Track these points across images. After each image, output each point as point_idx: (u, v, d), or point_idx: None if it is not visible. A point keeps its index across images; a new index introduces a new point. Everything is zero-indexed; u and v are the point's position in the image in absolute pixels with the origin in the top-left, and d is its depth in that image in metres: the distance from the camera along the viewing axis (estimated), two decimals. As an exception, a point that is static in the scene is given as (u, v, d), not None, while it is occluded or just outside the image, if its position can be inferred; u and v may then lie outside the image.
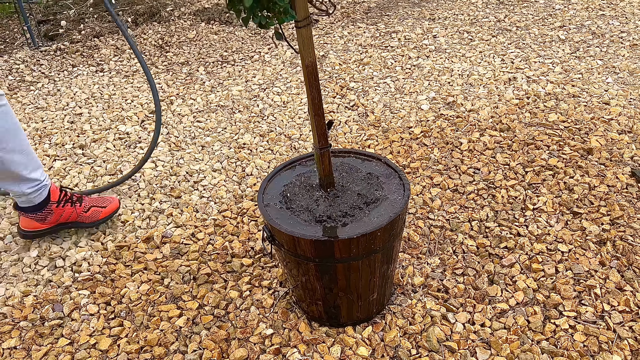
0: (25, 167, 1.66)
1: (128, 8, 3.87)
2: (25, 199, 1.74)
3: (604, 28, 3.07)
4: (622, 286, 1.52)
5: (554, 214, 1.78)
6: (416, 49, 3.01)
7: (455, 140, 2.19)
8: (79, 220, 1.86)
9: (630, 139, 2.10)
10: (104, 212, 1.89)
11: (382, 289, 1.45)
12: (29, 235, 1.82)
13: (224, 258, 1.74)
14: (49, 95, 2.87)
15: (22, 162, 1.64)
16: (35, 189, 1.72)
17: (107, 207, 1.91)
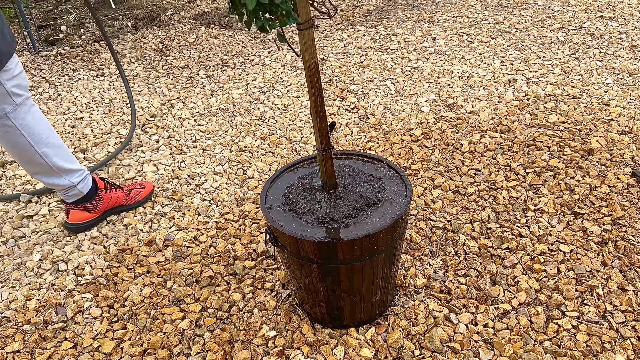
0: (66, 160, 1.77)
1: (128, 12, 3.89)
2: (75, 192, 1.84)
3: (602, 29, 3.08)
4: (624, 286, 1.53)
5: (555, 215, 1.79)
6: (416, 52, 3.02)
7: (456, 141, 2.19)
8: (125, 203, 1.98)
9: (630, 140, 2.10)
10: (144, 192, 2.03)
11: (384, 290, 1.45)
12: (80, 228, 1.91)
13: (227, 261, 1.74)
14: (49, 100, 2.87)
15: (62, 155, 1.75)
16: (82, 177, 1.83)
17: (145, 187, 2.04)
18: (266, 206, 1.39)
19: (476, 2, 3.64)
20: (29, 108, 1.66)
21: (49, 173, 1.75)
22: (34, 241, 1.90)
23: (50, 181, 1.77)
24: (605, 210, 1.78)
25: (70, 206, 1.87)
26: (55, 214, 2.02)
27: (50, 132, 1.72)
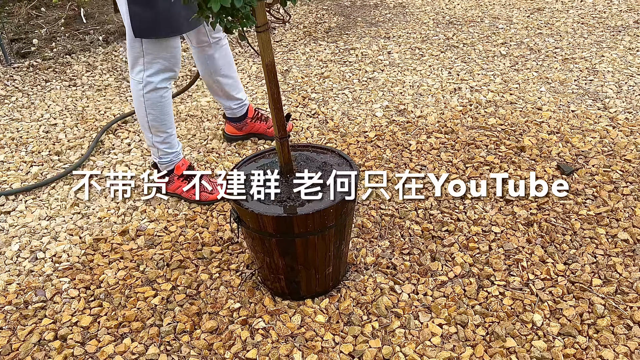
0: (234, 89, 2.31)
1: (99, 27, 4.04)
2: (230, 112, 2.40)
3: (540, 44, 3.39)
4: (544, 259, 1.76)
5: (489, 202, 2.02)
6: (372, 64, 3.26)
7: (405, 142, 2.42)
8: (265, 133, 2.49)
9: (557, 139, 2.37)
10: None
11: (337, 263, 1.64)
12: (231, 139, 2.51)
13: (195, 247, 1.91)
14: (23, 108, 2.99)
15: (233, 85, 2.30)
16: (238, 106, 2.38)
17: (287, 126, 2.33)
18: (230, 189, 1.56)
19: (429, 20, 3.93)
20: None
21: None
22: (12, 234, 2.02)
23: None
24: (532, 198, 2.02)
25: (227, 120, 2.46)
26: (32, 210, 2.15)
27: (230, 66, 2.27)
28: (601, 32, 3.51)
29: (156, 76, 1.92)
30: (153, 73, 1.91)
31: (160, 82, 1.93)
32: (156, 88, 1.93)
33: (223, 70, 2.22)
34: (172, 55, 1.90)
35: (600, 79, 2.89)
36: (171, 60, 1.91)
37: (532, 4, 4.14)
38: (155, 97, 1.95)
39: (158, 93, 1.94)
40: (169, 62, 1.91)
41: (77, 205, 2.17)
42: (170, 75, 1.95)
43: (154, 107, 1.96)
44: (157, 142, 2.04)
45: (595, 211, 1.93)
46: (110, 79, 3.29)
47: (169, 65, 1.91)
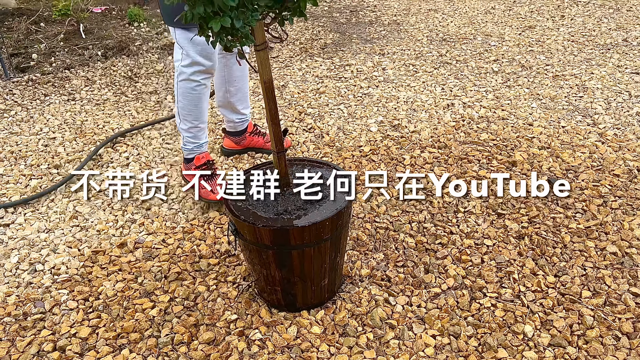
0: (241, 103, 2.41)
1: (98, 42, 4.09)
2: (232, 126, 2.48)
3: (531, 62, 3.46)
4: (535, 271, 1.80)
5: (481, 215, 2.06)
6: (367, 80, 3.32)
7: (400, 156, 2.47)
8: (263, 147, 2.56)
9: (548, 154, 2.42)
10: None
11: (332, 275, 1.67)
12: (229, 153, 2.56)
13: (193, 259, 1.94)
14: (22, 122, 3.03)
15: (241, 99, 2.39)
16: (240, 120, 2.46)
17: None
18: (229, 202, 1.60)
19: (422, 37, 4.00)
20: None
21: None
22: (11, 246, 2.05)
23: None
24: (523, 211, 2.06)
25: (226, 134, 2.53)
26: (31, 222, 2.18)
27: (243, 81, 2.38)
28: (591, 50, 3.59)
29: (189, 68, 2.05)
30: (187, 64, 2.04)
31: (192, 74, 2.06)
32: (188, 79, 2.07)
33: (237, 82, 2.33)
34: (202, 50, 2.01)
35: (590, 95, 2.95)
36: (202, 54, 2.02)
37: (524, 21, 4.23)
38: (186, 87, 2.09)
39: (190, 85, 2.08)
40: (200, 57, 2.02)
41: (75, 218, 2.20)
42: (200, 69, 2.05)
43: (184, 96, 2.10)
44: (183, 129, 2.18)
45: (585, 224, 1.98)
46: (109, 93, 3.34)
47: (200, 60, 2.03)
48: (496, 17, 4.37)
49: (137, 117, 3.01)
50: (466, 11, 4.59)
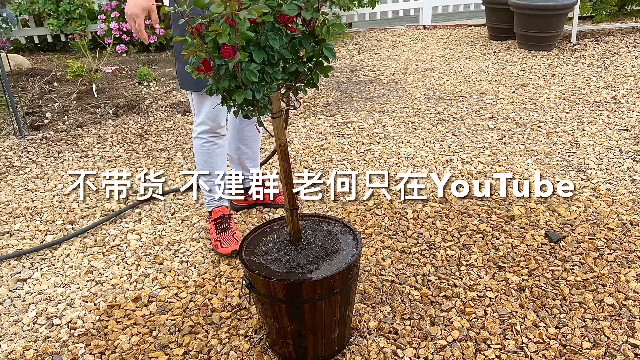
0: (251, 162, 2.54)
1: (109, 101, 4.27)
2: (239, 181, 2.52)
3: (525, 119, 3.62)
4: (537, 323, 1.86)
5: (483, 268, 2.14)
6: (368, 136, 3.47)
7: (402, 210, 2.57)
8: (270, 202, 2.64)
9: (545, 208, 2.53)
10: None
11: (342, 328, 1.74)
12: (237, 208, 2.65)
13: (205, 312, 2.00)
14: (37, 179, 3.14)
15: (251, 158, 2.53)
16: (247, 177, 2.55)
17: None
18: (243, 257, 1.69)
19: (420, 96, 4.19)
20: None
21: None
22: (28, 301, 2.11)
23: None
24: (523, 264, 2.15)
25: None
26: (47, 277, 2.25)
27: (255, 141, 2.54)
28: (581, 107, 3.76)
29: (199, 127, 2.23)
30: (197, 123, 2.22)
31: (201, 132, 2.23)
32: (198, 136, 2.24)
33: (248, 141, 2.47)
34: (209, 112, 2.17)
35: (582, 151, 3.09)
36: (209, 116, 2.18)
37: (517, 80, 4.44)
38: (197, 144, 2.27)
39: (199, 142, 2.25)
40: (207, 118, 2.18)
41: (90, 272, 2.27)
42: (206, 129, 2.21)
43: (197, 152, 2.28)
44: (201, 181, 2.36)
45: (583, 277, 2.06)
46: (120, 150, 3.47)
47: (207, 121, 2.19)
48: (490, 76, 4.58)
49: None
50: (461, 70, 4.81)
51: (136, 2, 1.92)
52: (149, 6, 1.93)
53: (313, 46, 1.41)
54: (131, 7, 1.92)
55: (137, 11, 1.92)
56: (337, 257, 1.67)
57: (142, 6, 1.92)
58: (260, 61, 1.33)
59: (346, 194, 2.77)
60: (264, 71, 1.36)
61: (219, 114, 2.19)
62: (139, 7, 1.92)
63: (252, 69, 1.32)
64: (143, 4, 1.92)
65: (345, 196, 2.74)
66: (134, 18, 1.93)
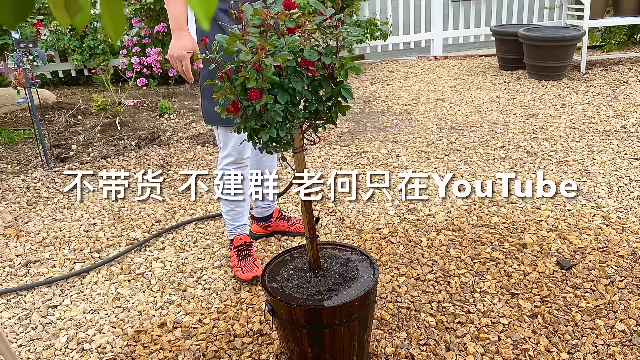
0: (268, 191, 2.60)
1: (132, 133, 4.43)
2: (259, 212, 2.70)
3: (536, 148, 3.71)
4: (549, 348, 1.92)
5: (496, 295, 2.21)
6: (382, 166, 3.57)
7: (417, 238, 2.65)
8: (288, 231, 2.76)
9: (556, 236, 2.59)
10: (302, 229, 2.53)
11: (360, 353, 1.81)
12: (256, 237, 2.76)
13: (228, 338, 2.08)
14: (64, 209, 3.27)
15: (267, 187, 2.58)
16: (267, 206, 2.69)
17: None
18: (266, 284, 1.78)
19: (432, 126, 4.30)
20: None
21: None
22: (59, 326, 2.21)
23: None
24: (535, 291, 2.21)
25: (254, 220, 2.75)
26: (77, 304, 2.35)
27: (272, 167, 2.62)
28: (591, 137, 3.84)
29: (225, 159, 2.34)
30: (224, 156, 2.34)
31: (227, 164, 2.34)
32: (224, 168, 2.35)
33: (264, 171, 2.57)
34: (235, 144, 2.30)
35: (593, 180, 3.16)
36: (237, 148, 2.31)
37: (527, 109, 4.54)
38: (222, 176, 2.37)
39: (225, 174, 2.37)
40: (236, 150, 2.31)
41: (117, 299, 2.37)
42: (232, 160, 2.33)
43: (222, 183, 2.39)
44: (223, 211, 2.48)
45: (594, 303, 2.11)
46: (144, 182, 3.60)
47: (235, 152, 2.31)
48: (501, 106, 4.69)
49: (170, 203, 3.25)
50: (472, 100, 4.92)
51: (182, 45, 2.03)
52: (194, 48, 2.06)
53: (332, 87, 1.53)
54: (177, 50, 2.03)
55: (184, 54, 2.03)
56: (355, 284, 1.75)
57: (188, 48, 2.04)
58: (284, 102, 1.45)
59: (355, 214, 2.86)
60: (287, 111, 1.48)
61: (245, 146, 2.32)
62: (185, 49, 2.04)
63: (277, 110, 1.43)
64: (189, 46, 2.04)
65: (359, 224, 2.83)
66: (180, 60, 2.05)
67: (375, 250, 2.58)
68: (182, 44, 2.04)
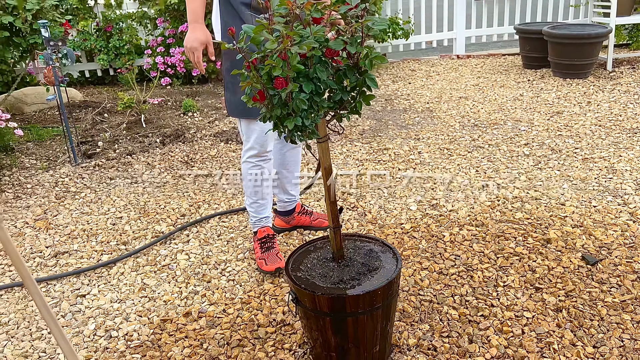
0: (291, 186, 2.66)
1: (157, 131, 4.51)
2: (282, 206, 2.72)
3: (561, 145, 3.67)
4: (574, 342, 1.90)
5: (520, 289, 2.19)
6: (404, 163, 3.57)
7: (439, 233, 2.64)
8: (310, 225, 2.78)
9: (581, 232, 2.56)
10: (326, 223, 2.52)
11: (383, 343, 1.82)
12: (278, 231, 2.77)
13: (251, 327, 2.11)
14: (91, 203, 3.35)
15: (291, 182, 2.66)
16: (290, 200, 2.70)
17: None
18: (290, 273, 1.80)
19: (455, 123, 4.28)
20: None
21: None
22: (88, 314, 2.27)
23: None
24: (560, 286, 2.19)
25: (277, 214, 2.76)
26: (104, 293, 2.41)
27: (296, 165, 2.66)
28: (618, 134, 3.78)
29: (247, 152, 2.38)
30: (246, 149, 2.38)
31: (250, 157, 2.38)
32: (246, 161, 2.40)
33: (289, 166, 2.60)
34: (258, 137, 2.33)
35: (619, 177, 3.11)
36: (259, 140, 2.33)
37: (551, 107, 4.49)
38: (245, 168, 2.42)
39: (247, 166, 2.41)
40: (258, 142, 2.33)
41: (143, 289, 2.42)
42: (254, 153, 2.37)
43: (245, 175, 2.45)
44: (247, 203, 2.52)
45: (620, 298, 2.08)
46: (168, 177, 3.66)
47: (256, 145, 2.34)
48: (525, 104, 4.64)
49: (194, 198, 3.30)
50: (495, 98, 4.88)
51: (195, 37, 2.12)
52: (207, 40, 2.14)
53: (357, 77, 1.55)
54: (190, 41, 2.13)
55: (196, 45, 2.12)
56: (378, 273, 1.76)
57: (201, 40, 2.12)
58: (309, 91, 1.47)
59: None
60: (312, 100, 1.50)
61: (267, 138, 2.35)
62: (198, 41, 2.12)
63: (302, 98, 1.45)
64: (201, 38, 2.13)
65: (381, 219, 2.84)
66: (192, 51, 2.13)
67: (397, 244, 2.58)
68: (196, 35, 2.15)
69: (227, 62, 2.26)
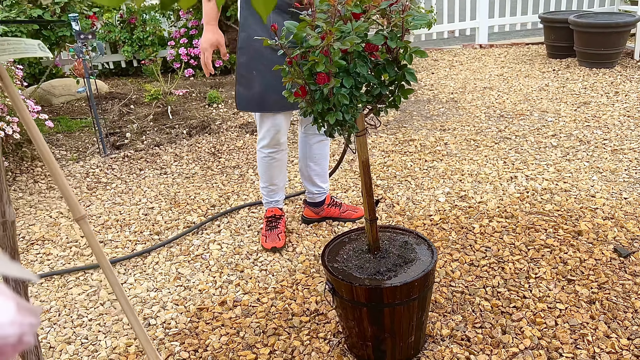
0: (320, 178, 2.71)
1: (183, 122, 4.57)
2: (311, 197, 2.76)
3: (589, 136, 3.64)
4: (609, 334, 1.91)
5: (552, 281, 2.20)
6: (431, 154, 3.57)
7: (469, 225, 2.66)
8: (339, 217, 2.81)
9: (612, 224, 2.55)
10: (355, 215, 2.79)
11: (418, 333, 1.85)
12: (308, 221, 2.82)
13: (286, 317, 2.15)
14: (123, 193, 3.42)
15: (320, 174, 2.71)
16: (319, 192, 2.74)
17: (357, 212, 2.79)
18: (326, 264, 1.83)
19: (481, 114, 4.26)
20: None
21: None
22: (126, 302, 2.33)
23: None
24: (592, 278, 2.19)
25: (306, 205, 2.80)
26: (140, 282, 2.47)
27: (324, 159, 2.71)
28: (647, 124, 3.74)
29: (261, 142, 2.50)
30: (260, 139, 2.50)
31: (262, 147, 2.50)
32: (259, 150, 2.53)
33: (316, 159, 2.67)
34: (270, 129, 2.42)
35: (650, 168, 3.08)
36: (271, 132, 2.43)
37: (578, 98, 4.44)
38: (259, 156, 2.56)
39: (260, 154, 2.54)
40: (270, 134, 2.44)
41: (179, 279, 2.48)
42: (266, 144, 2.47)
43: (259, 162, 2.59)
44: (261, 186, 2.67)
45: (654, 291, 2.08)
46: (196, 167, 3.72)
47: (269, 136, 2.45)
48: (551, 94, 4.60)
49: (223, 189, 3.35)
50: (520, 88, 4.85)
51: (206, 38, 2.24)
52: (218, 42, 2.25)
53: (396, 71, 1.56)
54: (202, 42, 2.24)
55: (205, 46, 2.23)
56: (414, 265, 1.79)
57: (211, 42, 2.24)
58: (349, 86, 1.50)
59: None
60: (352, 94, 1.52)
61: (278, 131, 2.43)
62: (208, 42, 2.23)
63: (344, 93, 1.48)
64: (212, 39, 2.23)
65: (409, 211, 2.86)
66: (203, 52, 2.24)
67: (427, 235, 2.60)
68: (207, 37, 2.27)
69: (243, 57, 2.29)
